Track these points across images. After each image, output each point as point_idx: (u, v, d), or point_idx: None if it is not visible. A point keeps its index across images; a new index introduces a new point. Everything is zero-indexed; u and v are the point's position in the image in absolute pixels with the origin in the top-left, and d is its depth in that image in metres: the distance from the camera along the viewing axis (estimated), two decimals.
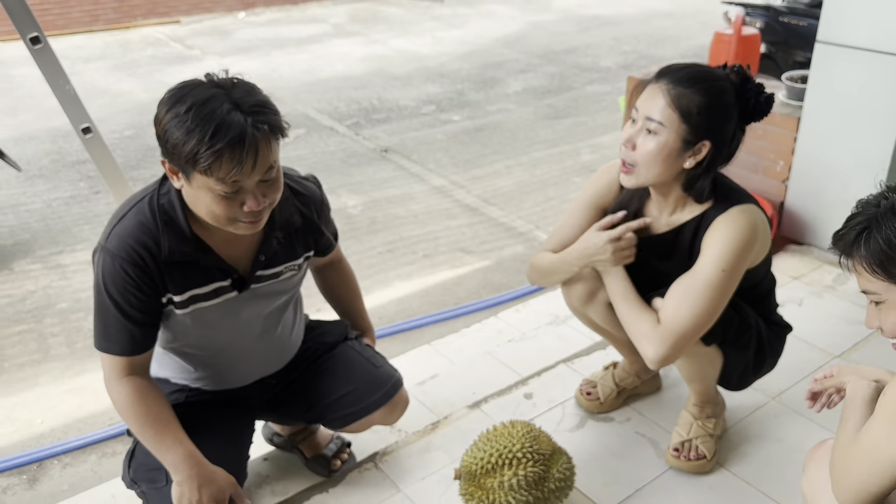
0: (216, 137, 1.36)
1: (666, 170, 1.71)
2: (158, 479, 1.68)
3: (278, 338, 1.86)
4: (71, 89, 2.69)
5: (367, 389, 1.89)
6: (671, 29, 9.10)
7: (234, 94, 1.41)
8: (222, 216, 1.48)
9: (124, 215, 1.57)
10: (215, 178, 1.41)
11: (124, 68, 7.60)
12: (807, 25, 5.47)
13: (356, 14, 10.11)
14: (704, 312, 1.68)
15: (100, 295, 1.57)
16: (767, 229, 1.80)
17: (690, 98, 1.65)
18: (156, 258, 1.55)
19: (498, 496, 1.74)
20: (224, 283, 1.66)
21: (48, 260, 3.96)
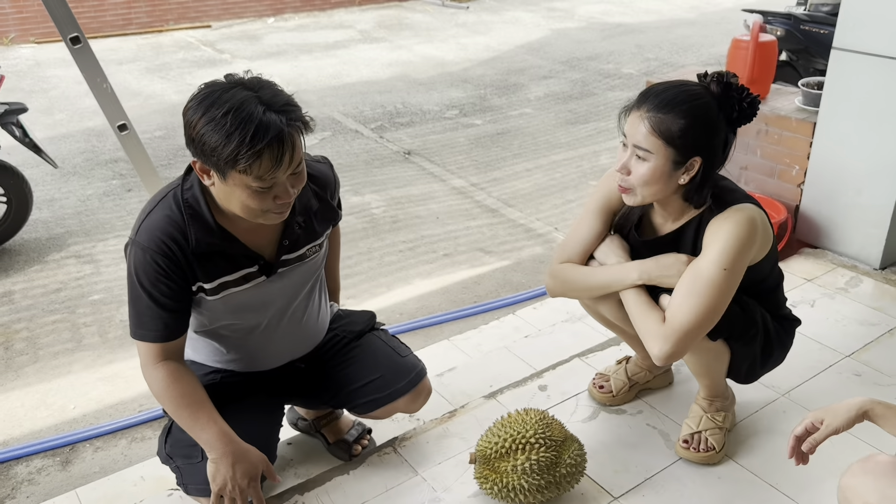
0: (256, 138, 1.44)
1: (662, 189, 1.79)
2: (194, 454, 1.77)
3: (306, 321, 1.96)
4: (109, 87, 2.82)
5: (393, 377, 1.97)
6: (693, 37, 9.12)
7: (263, 96, 1.49)
8: (256, 210, 1.57)
9: (151, 210, 1.66)
10: (254, 176, 1.49)
11: (156, 71, 7.78)
12: (827, 33, 5.49)
13: (382, 20, 10.24)
14: (707, 310, 1.74)
15: (133, 286, 1.67)
16: (767, 226, 1.85)
17: (671, 123, 1.70)
18: (184, 249, 1.64)
19: (511, 479, 1.81)
20: (251, 270, 1.75)
21: (82, 254, 4.09)
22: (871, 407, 1.45)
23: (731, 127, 1.78)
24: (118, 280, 3.81)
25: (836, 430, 1.47)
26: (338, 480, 2.02)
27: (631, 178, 1.78)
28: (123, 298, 3.64)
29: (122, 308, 3.57)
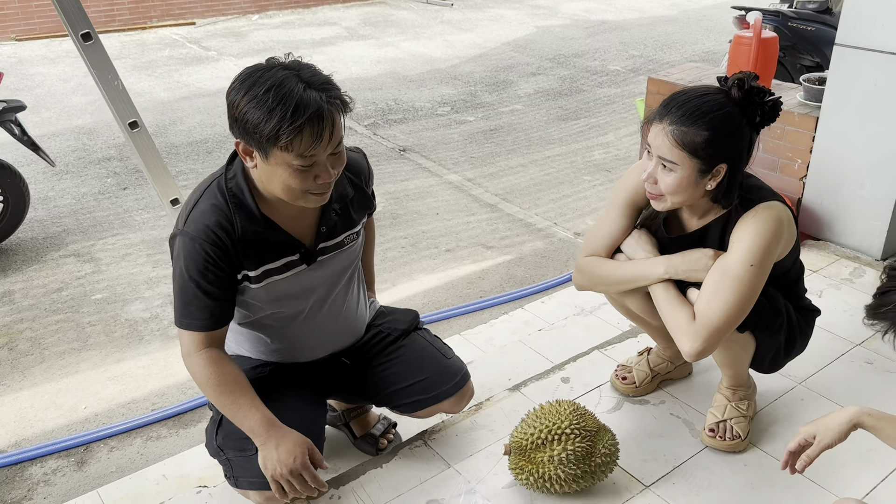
0: (297, 114, 1.47)
1: (690, 195, 1.82)
2: (248, 447, 1.78)
3: (346, 311, 1.97)
4: (120, 84, 2.80)
5: (439, 379, 2.00)
6: (676, 34, 9.22)
7: (303, 75, 1.52)
8: (297, 189, 1.59)
9: (197, 201, 1.68)
10: (295, 153, 1.52)
11: (143, 68, 7.70)
12: (814, 30, 5.59)
13: (367, 17, 10.22)
14: (736, 307, 1.77)
15: (181, 276, 1.68)
16: (793, 224, 1.89)
17: (695, 135, 1.73)
18: (231, 237, 1.66)
19: (548, 469, 1.84)
20: (293, 258, 1.78)
21: (81, 253, 4.05)
22: (861, 419, 1.48)
23: (754, 130, 1.81)
24: (120, 279, 3.78)
25: (828, 445, 1.51)
26: (372, 474, 2.03)
27: (659, 186, 1.81)
28: (127, 297, 3.62)
29: (126, 307, 3.54)
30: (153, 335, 3.33)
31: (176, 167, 5.19)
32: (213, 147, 5.60)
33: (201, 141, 5.74)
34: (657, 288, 1.91)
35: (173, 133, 5.90)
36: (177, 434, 2.72)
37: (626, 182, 2.06)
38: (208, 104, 6.60)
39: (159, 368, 3.10)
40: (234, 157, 1.71)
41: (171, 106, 6.56)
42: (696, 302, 1.83)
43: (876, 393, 2.35)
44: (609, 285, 2.05)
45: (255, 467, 1.75)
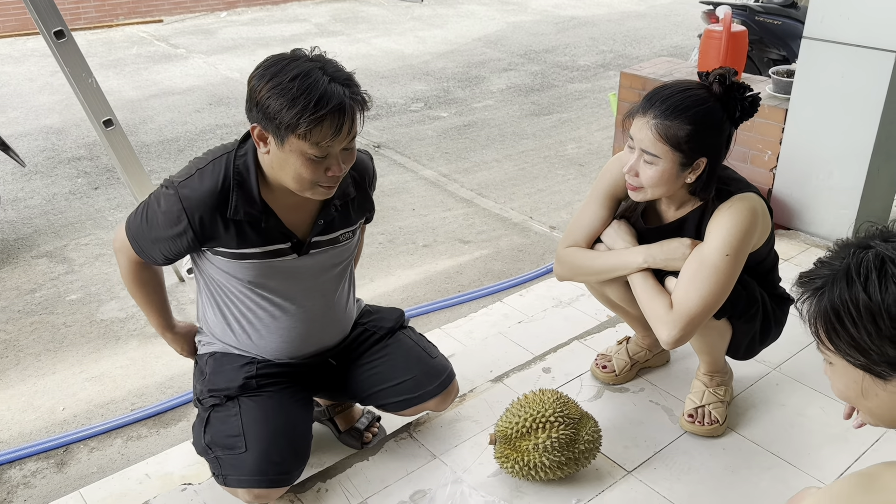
0: (320, 104, 1.51)
1: (670, 187, 1.87)
2: (237, 445, 1.79)
3: (336, 306, 1.98)
4: (94, 82, 2.78)
5: (425, 379, 2.02)
6: (645, 29, 9.31)
7: (328, 69, 1.57)
8: (307, 180, 1.62)
9: (204, 166, 1.72)
10: (311, 142, 1.55)
11: (110, 67, 7.59)
12: (780, 24, 5.69)
13: (337, 14, 10.18)
14: (712, 295, 1.82)
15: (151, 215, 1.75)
16: (767, 214, 1.95)
17: (678, 129, 1.77)
18: (222, 214, 1.70)
19: (533, 457, 1.87)
20: (283, 246, 1.79)
21: (54, 254, 4.00)
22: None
23: (734, 124, 1.86)
24: (94, 279, 3.74)
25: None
26: (358, 467, 2.04)
27: (640, 179, 1.85)
28: (102, 297, 3.58)
29: (101, 307, 3.51)
30: (130, 335, 3.30)
31: (147, 166, 5.13)
32: (185, 145, 5.56)
33: (172, 139, 5.68)
34: (635, 277, 1.94)
35: (144, 132, 5.84)
36: (157, 433, 2.70)
37: (606, 174, 2.09)
38: (178, 102, 6.54)
39: (137, 368, 3.07)
40: (247, 136, 1.73)
41: (140, 104, 6.48)
42: (673, 291, 1.87)
43: None
44: (589, 275, 2.08)
45: (244, 465, 1.76)
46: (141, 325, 3.37)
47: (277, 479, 1.80)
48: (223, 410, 1.86)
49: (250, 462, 1.76)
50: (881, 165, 3.17)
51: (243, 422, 1.81)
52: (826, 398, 2.30)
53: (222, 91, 6.83)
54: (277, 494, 1.84)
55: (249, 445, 1.78)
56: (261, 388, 1.87)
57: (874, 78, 2.97)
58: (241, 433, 1.79)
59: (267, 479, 1.78)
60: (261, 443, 1.78)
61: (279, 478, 1.80)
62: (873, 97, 2.99)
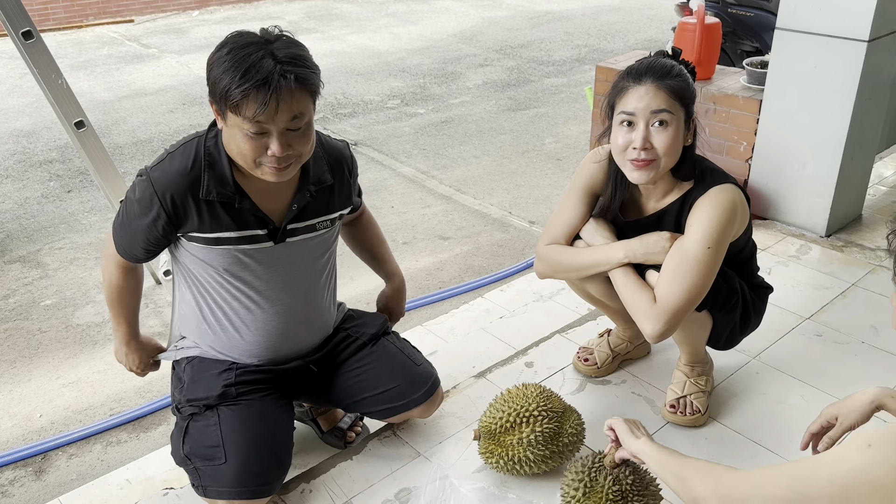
0: (245, 78, 1.51)
1: (677, 153, 1.87)
2: (217, 456, 1.76)
3: (315, 304, 1.95)
4: (64, 83, 2.73)
5: (410, 387, 2.00)
6: (619, 23, 9.35)
7: (273, 45, 1.56)
8: (249, 157, 1.62)
9: (173, 151, 1.72)
10: (242, 116, 1.55)
11: (81, 68, 7.48)
12: (753, 16, 5.74)
13: (311, 11, 10.11)
14: (695, 288, 1.83)
15: (128, 212, 1.76)
16: (746, 205, 1.96)
17: (679, 84, 1.83)
18: (194, 195, 1.69)
19: (517, 451, 1.87)
20: (259, 232, 1.77)
21: (27, 259, 3.93)
22: (884, 401, 1.47)
23: None
24: (69, 283, 3.69)
25: (850, 426, 1.51)
26: (342, 466, 2.03)
27: (656, 149, 1.83)
28: (77, 302, 3.53)
29: (77, 311, 3.46)
30: (107, 339, 3.25)
31: (121, 167, 5.07)
32: (158, 146, 5.49)
33: (146, 140, 5.61)
34: (617, 273, 1.95)
35: (116, 133, 5.76)
36: (137, 438, 2.67)
37: (583, 170, 2.09)
38: (151, 102, 6.46)
39: (115, 373, 3.03)
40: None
41: (112, 106, 6.39)
42: (656, 285, 1.87)
43: (826, 364, 2.44)
44: (570, 272, 2.08)
45: (224, 477, 1.74)
46: None
47: (258, 490, 1.77)
48: (202, 420, 1.83)
49: (230, 473, 1.74)
50: (855, 154, 3.20)
51: (222, 432, 1.78)
52: (806, 386, 2.33)
53: (195, 91, 6.76)
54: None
55: (229, 456, 1.75)
56: (240, 395, 1.84)
57: (846, 68, 3.00)
58: (220, 444, 1.76)
59: (248, 491, 1.76)
60: (240, 453, 1.76)
61: (260, 489, 1.78)
62: (846, 87, 3.02)
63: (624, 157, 1.87)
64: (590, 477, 1.67)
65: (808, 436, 1.62)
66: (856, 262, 3.08)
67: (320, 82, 1.64)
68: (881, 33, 2.98)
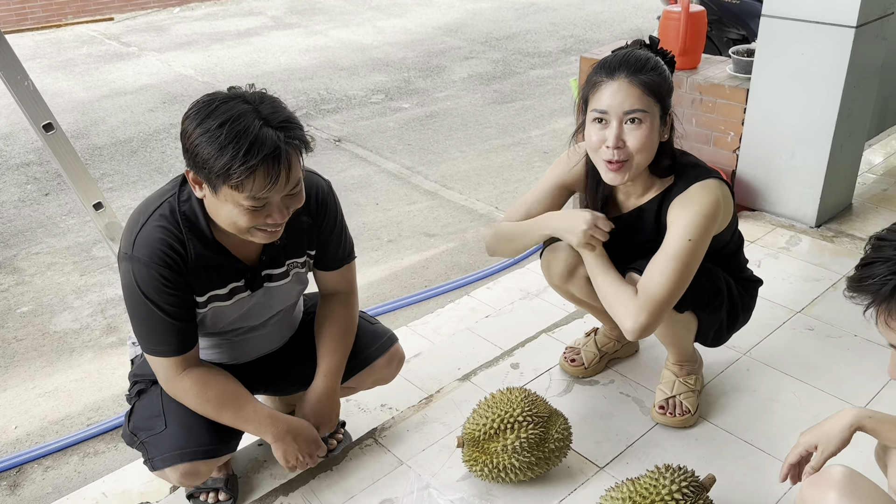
0: (250, 154, 1.38)
1: (653, 151, 1.80)
2: (157, 424, 1.73)
3: (286, 322, 1.93)
4: (30, 84, 2.64)
5: (366, 342, 1.96)
6: (605, 13, 9.28)
7: (262, 110, 1.42)
8: (244, 228, 1.51)
9: (145, 222, 1.58)
10: (246, 193, 1.43)
11: (60, 68, 7.36)
12: (739, 3, 5.68)
13: (294, 5, 10.00)
14: (676, 281, 1.76)
15: (139, 303, 1.59)
16: (730, 198, 1.90)
17: (654, 79, 1.75)
18: (185, 261, 1.58)
19: (502, 459, 1.80)
20: (238, 284, 1.71)
21: (3, 265, 3.85)
22: (862, 423, 1.42)
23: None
24: (46, 289, 3.60)
25: (832, 453, 1.44)
26: (322, 477, 1.97)
27: (629, 147, 1.76)
28: (55, 308, 3.45)
29: (54, 318, 3.38)
30: (84, 347, 3.18)
31: (100, 169, 4.98)
32: (138, 146, 5.40)
33: (125, 140, 5.52)
34: (596, 272, 1.88)
35: (95, 134, 5.66)
36: (115, 448, 2.60)
37: (558, 166, 2.05)
38: (131, 102, 6.36)
39: (93, 381, 2.96)
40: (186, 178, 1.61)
41: (91, 106, 6.29)
42: (637, 280, 1.82)
43: (819, 358, 2.38)
44: (506, 241, 2.02)
45: (165, 443, 1.70)
46: (96, 335, 3.25)
47: (202, 452, 1.71)
48: (147, 396, 1.81)
49: (169, 438, 1.70)
50: (844, 143, 3.15)
51: (163, 400, 1.75)
52: (798, 382, 2.27)
53: (176, 89, 6.66)
54: (207, 469, 1.76)
55: (169, 422, 1.72)
56: None
57: (834, 55, 2.94)
58: (160, 412, 1.73)
59: (189, 452, 1.70)
60: (179, 417, 1.72)
61: (202, 450, 1.71)
62: (834, 74, 2.97)
63: (598, 156, 1.81)
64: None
65: (786, 467, 1.52)
66: (847, 252, 3.03)
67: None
68: (869, 19, 2.92)
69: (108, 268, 3.77)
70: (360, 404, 2.33)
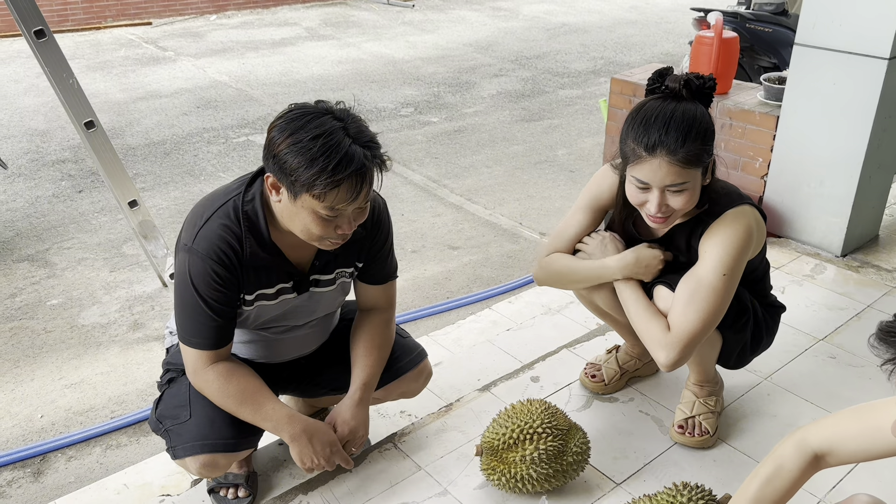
0: (339, 168, 1.47)
1: (696, 200, 1.80)
2: (182, 414, 1.78)
3: (323, 328, 1.98)
4: (75, 83, 2.73)
5: (397, 355, 1.99)
6: (636, 36, 9.31)
7: (350, 129, 1.52)
8: (316, 235, 1.59)
9: (209, 218, 1.65)
10: (325, 203, 1.52)
11: (98, 69, 7.52)
12: (771, 31, 5.69)
13: (328, 18, 10.14)
14: (710, 315, 1.79)
15: (187, 293, 1.66)
16: (762, 225, 1.91)
17: (695, 149, 1.71)
18: (239, 259, 1.65)
19: (520, 469, 1.82)
20: (286, 285, 1.76)
21: (35, 258, 3.93)
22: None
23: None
24: (76, 283, 3.68)
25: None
26: (341, 478, 1.99)
27: (672, 208, 1.77)
28: (84, 302, 3.52)
29: (83, 312, 3.44)
30: (111, 341, 3.24)
31: (133, 169, 5.08)
32: (171, 148, 5.50)
33: (159, 142, 5.62)
34: (628, 299, 1.91)
35: (130, 134, 5.77)
36: (137, 442, 2.64)
37: (594, 185, 2.07)
38: (166, 105, 6.48)
39: (118, 375, 3.01)
40: (254, 179, 1.69)
41: (127, 107, 6.41)
42: (669, 312, 1.83)
43: (840, 387, 2.38)
44: (566, 281, 2.07)
45: (187, 432, 1.75)
46: (122, 330, 3.31)
47: (221, 444, 1.76)
48: (176, 385, 1.85)
49: (192, 428, 1.75)
50: (872, 174, 3.14)
51: (190, 391, 1.79)
52: (818, 409, 2.27)
53: (210, 94, 6.78)
54: (227, 462, 1.80)
55: (193, 412, 1.77)
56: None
57: (866, 85, 2.95)
58: (187, 402, 1.78)
59: (210, 444, 1.74)
60: (204, 409, 1.76)
61: (222, 442, 1.76)
62: (865, 105, 2.97)
63: (640, 208, 1.83)
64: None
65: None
66: (872, 283, 3.02)
67: None
68: None
69: (138, 265, 3.84)
70: (381, 409, 2.35)
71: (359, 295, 1.97)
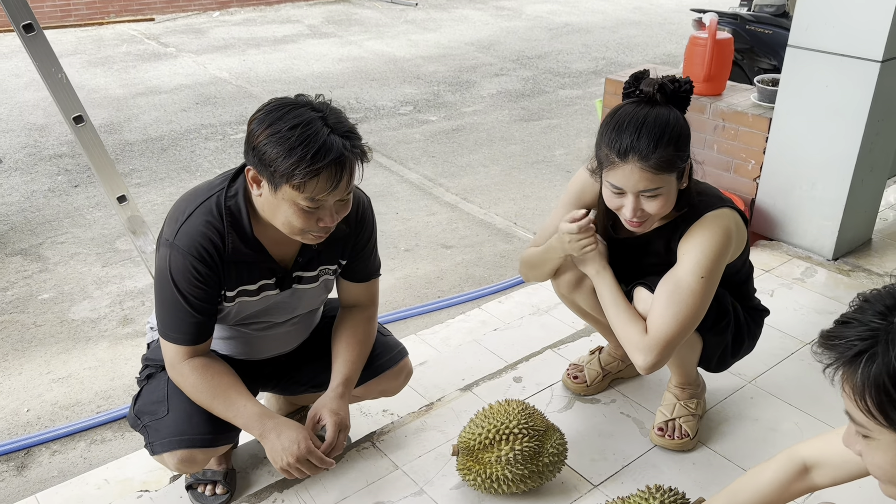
0: (317, 157, 1.47)
1: (672, 204, 1.79)
2: (160, 410, 1.78)
3: (305, 325, 1.98)
4: (63, 77, 2.73)
5: (377, 353, 1.99)
6: (639, 37, 9.28)
7: (329, 119, 1.52)
8: (297, 228, 1.59)
9: (191, 213, 1.65)
10: (305, 194, 1.51)
11: (99, 64, 7.54)
12: (771, 33, 5.67)
13: (330, 16, 10.14)
14: (688, 318, 1.77)
15: (167, 288, 1.66)
16: (742, 228, 1.89)
17: (665, 155, 1.68)
18: (221, 255, 1.65)
19: (495, 470, 1.81)
20: (268, 281, 1.76)
21: (29, 252, 3.94)
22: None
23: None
24: (68, 278, 3.68)
25: None
26: (317, 476, 1.98)
27: (647, 213, 1.76)
28: (75, 297, 3.53)
29: (73, 307, 3.45)
30: (100, 336, 3.24)
31: (130, 164, 5.09)
32: (169, 145, 5.50)
33: (156, 138, 5.63)
34: (607, 302, 1.90)
35: (128, 130, 5.78)
36: (122, 437, 2.65)
37: (576, 182, 2.06)
38: (165, 101, 6.49)
39: (105, 370, 3.02)
40: (237, 174, 1.69)
41: (126, 102, 6.43)
42: (648, 315, 1.82)
43: (824, 391, 2.34)
44: (531, 268, 2.08)
45: (166, 428, 1.75)
46: (112, 325, 3.31)
47: (199, 440, 1.75)
48: (154, 381, 1.86)
49: (170, 424, 1.75)
50: (865, 177, 3.13)
51: (168, 386, 1.79)
52: (800, 413, 2.26)
53: (210, 90, 6.78)
54: (204, 458, 1.80)
55: (171, 408, 1.77)
56: None
57: (859, 88, 2.93)
58: (165, 398, 1.78)
59: (187, 440, 1.74)
60: (183, 405, 1.76)
61: (200, 438, 1.75)
62: (858, 107, 2.95)
63: (617, 212, 1.82)
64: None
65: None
66: (862, 287, 3.00)
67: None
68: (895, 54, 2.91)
69: (130, 261, 3.84)
70: (363, 408, 2.35)
71: (341, 292, 1.97)
